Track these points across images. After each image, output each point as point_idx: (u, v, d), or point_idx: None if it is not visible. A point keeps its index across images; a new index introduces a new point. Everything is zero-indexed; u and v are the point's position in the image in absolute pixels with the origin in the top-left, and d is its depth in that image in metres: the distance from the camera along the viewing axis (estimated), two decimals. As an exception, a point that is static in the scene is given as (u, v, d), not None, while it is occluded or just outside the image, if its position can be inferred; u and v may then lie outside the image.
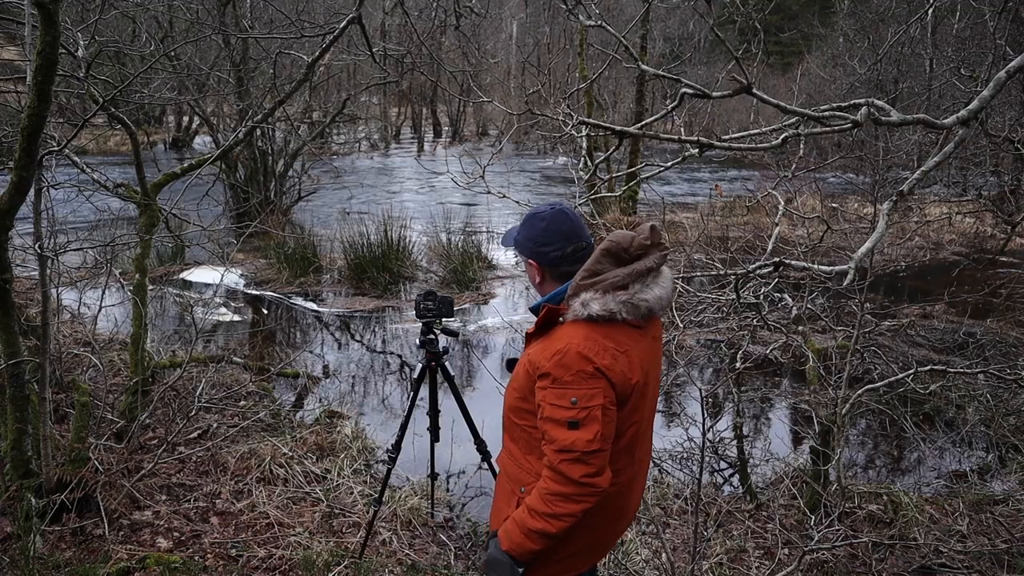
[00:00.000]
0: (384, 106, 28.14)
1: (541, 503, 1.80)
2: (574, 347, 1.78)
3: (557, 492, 1.77)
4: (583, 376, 1.77)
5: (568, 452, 1.76)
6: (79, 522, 3.41)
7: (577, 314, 1.83)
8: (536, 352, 1.86)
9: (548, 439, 1.80)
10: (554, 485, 1.78)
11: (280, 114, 11.10)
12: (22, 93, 4.62)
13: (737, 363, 4.57)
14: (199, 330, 5.46)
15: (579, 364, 1.77)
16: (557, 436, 1.77)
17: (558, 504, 1.78)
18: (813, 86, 20.21)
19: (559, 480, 1.77)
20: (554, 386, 1.78)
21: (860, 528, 3.75)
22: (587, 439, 1.75)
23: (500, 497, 2.05)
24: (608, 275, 1.84)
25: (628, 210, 13.28)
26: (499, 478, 2.09)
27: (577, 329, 1.82)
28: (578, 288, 1.85)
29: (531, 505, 1.82)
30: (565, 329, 1.84)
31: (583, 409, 1.76)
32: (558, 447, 1.77)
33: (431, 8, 14.71)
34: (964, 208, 11.34)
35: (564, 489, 1.77)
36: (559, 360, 1.78)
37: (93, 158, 16.27)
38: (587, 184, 3.36)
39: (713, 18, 3.73)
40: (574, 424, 1.76)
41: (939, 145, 2.27)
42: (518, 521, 1.85)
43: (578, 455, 1.75)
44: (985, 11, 5.21)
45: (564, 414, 1.77)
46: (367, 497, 3.93)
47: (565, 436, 1.76)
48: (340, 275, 9.11)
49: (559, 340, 1.82)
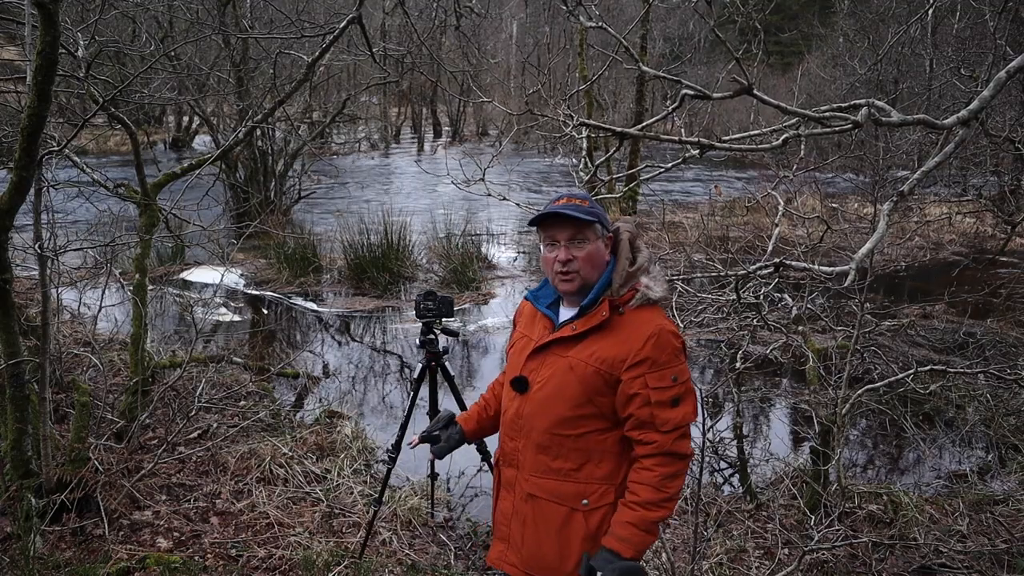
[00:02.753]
0: (384, 106, 28.13)
1: (656, 492, 1.82)
2: (664, 326, 1.85)
3: (669, 474, 1.82)
4: (676, 353, 1.85)
5: (679, 428, 1.82)
6: (79, 522, 3.40)
7: (647, 297, 1.88)
8: (608, 348, 1.86)
9: (657, 423, 1.82)
10: (666, 468, 1.82)
11: (280, 114, 11.10)
12: (22, 93, 4.62)
13: (737, 363, 4.56)
14: (199, 330, 5.46)
15: (672, 342, 1.84)
16: (668, 417, 1.82)
17: (671, 485, 1.82)
18: (813, 86, 20.21)
19: (671, 460, 1.82)
20: (653, 370, 1.82)
21: (860, 528, 3.75)
22: (691, 411, 1.85)
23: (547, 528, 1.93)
24: (641, 261, 1.92)
25: (628, 211, 13.29)
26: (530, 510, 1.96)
27: (653, 312, 1.89)
28: (629, 276, 1.90)
29: (646, 499, 1.82)
30: (639, 315, 1.88)
31: (682, 384, 1.84)
32: (671, 426, 1.82)
33: (431, 8, 14.71)
34: (964, 208, 11.34)
35: (675, 468, 1.83)
36: (655, 343, 1.83)
37: (93, 158, 16.27)
38: (587, 185, 3.36)
39: (713, 18, 3.73)
40: (676, 401, 1.82)
41: (939, 145, 2.27)
42: (634, 523, 1.83)
43: (685, 429, 1.83)
44: (985, 11, 5.21)
45: (668, 394, 1.82)
46: (367, 497, 3.93)
47: (674, 414, 1.82)
48: (340, 275, 9.11)
49: (643, 325, 1.85)
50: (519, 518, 1.99)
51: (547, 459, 1.93)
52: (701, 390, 3.28)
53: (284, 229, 10.20)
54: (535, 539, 1.96)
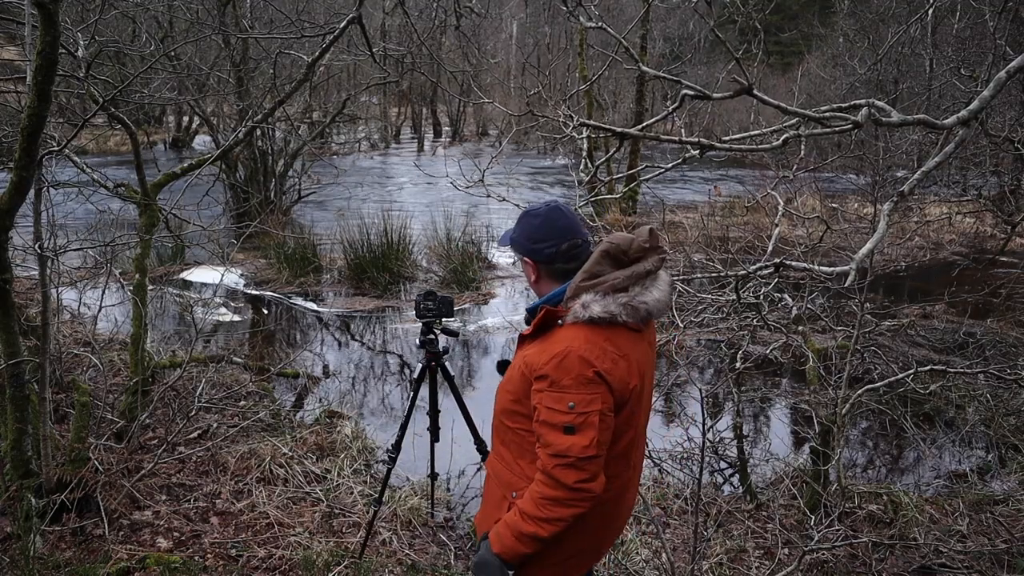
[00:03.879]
0: (384, 106, 28.14)
1: (534, 507, 1.77)
2: (575, 350, 1.74)
3: (550, 496, 1.75)
4: (583, 380, 1.73)
5: (563, 457, 1.73)
6: (79, 522, 3.41)
7: (578, 316, 1.79)
8: (533, 354, 1.82)
9: (543, 443, 1.77)
10: (547, 490, 1.75)
11: (280, 114, 11.10)
12: (22, 93, 4.62)
13: (737, 363, 4.57)
14: (199, 330, 5.46)
15: (579, 368, 1.73)
16: (552, 440, 1.75)
17: (551, 508, 1.75)
18: (813, 86, 20.21)
19: (552, 485, 1.75)
20: (551, 389, 1.75)
21: (860, 528, 3.75)
22: (583, 445, 1.72)
23: (489, 501, 2.03)
24: (608, 277, 1.81)
25: (628, 211, 13.29)
26: (488, 482, 2.06)
27: (578, 331, 1.78)
28: (578, 290, 1.82)
29: (523, 509, 1.80)
30: (565, 331, 1.80)
31: (580, 414, 1.73)
32: (553, 451, 1.74)
33: (431, 8, 14.71)
34: (964, 208, 11.34)
35: (557, 494, 1.75)
36: (559, 363, 1.74)
37: (93, 158, 16.27)
38: (588, 186, 3.36)
39: (713, 18, 3.73)
40: (570, 429, 1.73)
41: (939, 145, 2.28)
42: (510, 524, 1.82)
43: (572, 460, 1.73)
44: (985, 11, 5.21)
45: (561, 418, 1.74)
46: (367, 497, 3.93)
47: (561, 441, 1.73)
48: (340, 275, 9.11)
49: (559, 342, 1.78)
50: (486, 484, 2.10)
51: (497, 442, 2.00)
52: (701, 390, 3.29)
53: (284, 229, 10.21)
54: (484, 508, 2.06)
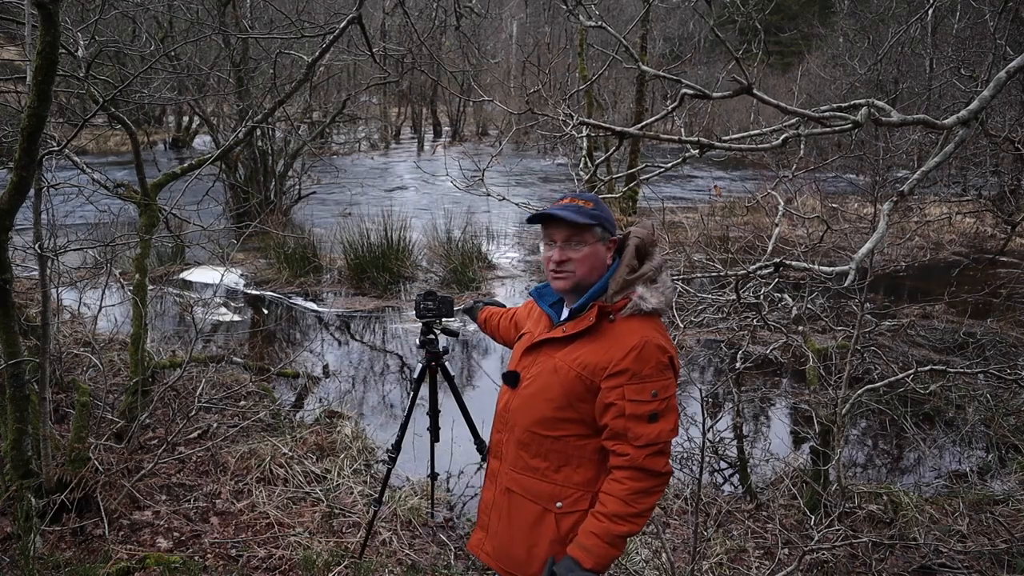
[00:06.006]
0: (384, 106, 28.14)
1: (624, 506, 1.78)
2: (652, 340, 1.80)
3: (641, 489, 1.78)
4: (661, 368, 1.80)
5: (654, 445, 1.78)
6: (79, 522, 3.41)
7: (640, 308, 1.83)
8: (591, 354, 1.83)
9: (630, 436, 1.79)
10: (637, 483, 1.78)
11: (280, 114, 11.09)
12: (22, 93, 4.62)
13: (737, 363, 4.57)
14: (199, 330, 5.47)
15: (658, 356, 1.79)
16: (641, 432, 1.78)
17: (643, 501, 1.79)
18: (813, 86, 20.22)
19: (642, 476, 1.78)
20: (633, 382, 1.78)
21: (860, 528, 3.75)
22: (670, 429, 1.80)
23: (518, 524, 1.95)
24: (645, 270, 1.86)
25: (628, 210, 13.30)
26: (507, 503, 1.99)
27: (644, 322, 1.84)
28: (626, 283, 1.85)
29: (612, 511, 1.79)
30: (628, 324, 1.83)
31: (663, 400, 1.79)
32: (643, 442, 1.78)
33: (431, 8, 14.71)
34: (964, 208, 11.35)
35: (647, 484, 1.79)
36: (638, 354, 1.78)
37: (93, 158, 16.28)
38: (587, 185, 3.36)
39: (713, 18, 3.74)
40: (655, 416, 1.78)
41: (939, 145, 2.27)
42: (599, 534, 1.80)
43: (662, 446, 1.79)
44: (985, 11, 5.22)
45: (646, 408, 1.78)
46: (367, 497, 3.93)
47: (649, 430, 1.78)
48: (340, 275, 9.11)
49: (629, 335, 1.81)
50: (497, 509, 2.02)
51: (526, 456, 1.95)
52: (701, 390, 3.30)
53: (284, 229, 10.20)
54: (508, 533, 1.98)
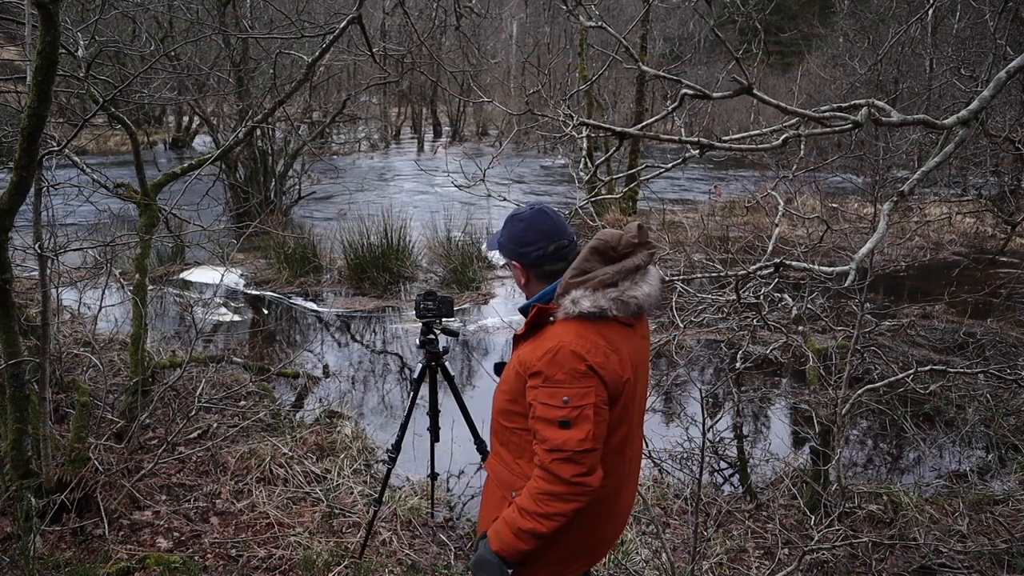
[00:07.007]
0: (384, 106, 28.14)
1: (532, 503, 1.79)
2: (566, 345, 1.77)
3: (548, 492, 1.77)
4: (575, 375, 1.76)
5: (559, 451, 1.75)
6: (79, 522, 3.41)
7: (568, 312, 1.82)
8: (526, 352, 1.86)
9: (539, 439, 1.79)
10: (545, 485, 1.77)
11: (280, 114, 11.09)
12: (22, 93, 4.63)
13: (737, 363, 4.57)
14: (199, 330, 5.47)
15: (571, 362, 1.76)
16: (549, 435, 1.77)
17: (549, 504, 1.77)
18: (813, 86, 20.22)
19: (550, 480, 1.77)
20: (545, 385, 1.77)
21: (860, 528, 3.75)
22: (579, 438, 1.74)
23: (489, 502, 2.04)
24: (597, 273, 1.84)
25: (628, 211, 13.29)
26: (487, 483, 2.08)
27: (568, 327, 1.81)
28: (567, 286, 1.85)
29: (522, 505, 1.81)
30: (556, 328, 1.84)
31: (575, 408, 1.75)
32: (550, 446, 1.76)
33: (431, 8, 14.71)
34: (964, 208, 11.36)
35: (555, 488, 1.76)
36: (551, 358, 1.77)
37: (93, 158, 16.27)
38: (587, 185, 3.36)
39: (713, 18, 3.74)
40: (566, 423, 1.75)
41: (939, 145, 2.28)
42: (508, 521, 1.84)
43: (569, 454, 1.75)
44: (985, 11, 5.22)
45: (556, 413, 1.76)
46: (367, 497, 3.93)
47: (557, 435, 1.75)
48: (340, 275, 9.11)
49: (550, 339, 1.81)
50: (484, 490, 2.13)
51: (496, 443, 2.02)
52: (701, 390, 3.30)
53: (284, 229, 10.20)
54: (484, 511, 2.07)
